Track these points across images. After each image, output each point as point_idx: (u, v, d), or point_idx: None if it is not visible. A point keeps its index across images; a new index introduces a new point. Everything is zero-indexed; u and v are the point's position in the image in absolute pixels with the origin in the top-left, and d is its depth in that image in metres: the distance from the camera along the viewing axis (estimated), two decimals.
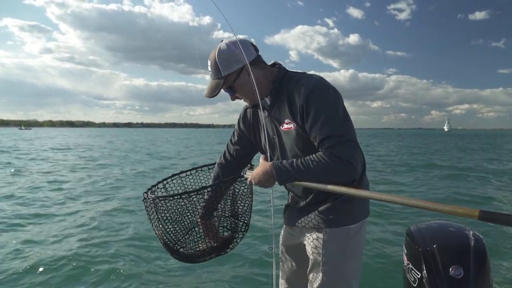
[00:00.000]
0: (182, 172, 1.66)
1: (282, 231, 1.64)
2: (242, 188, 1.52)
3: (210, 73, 1.39)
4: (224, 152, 1.66)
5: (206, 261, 1.55)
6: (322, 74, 1.41)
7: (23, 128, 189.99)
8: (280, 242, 1.64)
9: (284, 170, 1.27)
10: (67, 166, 12.80)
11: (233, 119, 1.65)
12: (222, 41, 1.40)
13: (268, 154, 1.47)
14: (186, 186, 1.67)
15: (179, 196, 1.38)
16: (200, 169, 1.70)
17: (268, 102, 1.42)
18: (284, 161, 1.31)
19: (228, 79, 1.36)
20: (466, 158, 18.13)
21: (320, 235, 1.41)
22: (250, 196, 1.55)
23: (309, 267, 1.45)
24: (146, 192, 1.46)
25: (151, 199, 1.40)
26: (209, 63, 1.39)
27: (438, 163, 15.02)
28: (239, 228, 1.60)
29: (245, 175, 1.46)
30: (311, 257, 1.44)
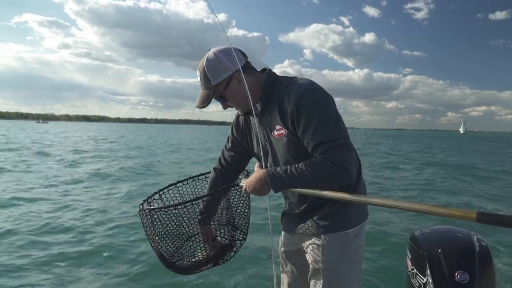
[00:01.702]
0: (178, 181, 1.66)
1: (281, 237, 1.65)
2: (238, 196, 1.51)
3: (200, 83, 1.38)
4: (220, 157, 1.68)
5: (202, 271, 1.54)
6: (336, 73, 1.39)
7: (41, 121, 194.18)
8: (280, 248, 1.65)
9: (278, 177, 1.26)
10: None
11: None
12: (209, 50, 1.39)
13: (262, 161, 1.48)
14: (182, 196, 1.67)
15: (173, 208, 1.38)
16: (197, 178, 1.71)
17: (259, 109, 1.42)
18: (278, 168, 1.30)
19: (218, 88, 1.36)
20: None
21: (319, 242, 1.41)
22: (247, 203, 1.54)
23: (310, 273, 1.46)
24: (142, 204, 1.46)
25: (147, 211, 1.40)
26: (198, 74, 1.38)
27: None
28: (236, 237, 1.58)
29: (240, 183, 1.44)
30: (310, 263, 1.44)
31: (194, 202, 1.40)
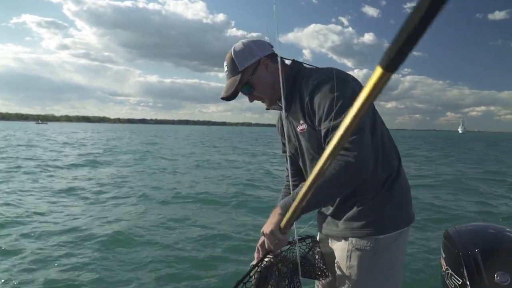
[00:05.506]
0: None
1: (318, 237, 1.53)
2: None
3: (227, 73, 1.32)
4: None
5: None
6: None
7: (40, 122, 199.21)
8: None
9: (288, 203, 1.14)
10: None
11: (246, 117, 1.62)
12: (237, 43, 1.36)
13: (295, 157, 1.40)
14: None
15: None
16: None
17: (284, 102, 1.32)
18: (286, 198, 1.19)
19: (245, 73, 1.28)
20: None
21: (345, 246, 1.27)
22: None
23: (337, 280, 1.33)
24: None
25: None
26: (225, 64, 1.33)
27: None
28: None
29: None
30: (337, 269, 1.32)
31: (245, 281, 1.15)
